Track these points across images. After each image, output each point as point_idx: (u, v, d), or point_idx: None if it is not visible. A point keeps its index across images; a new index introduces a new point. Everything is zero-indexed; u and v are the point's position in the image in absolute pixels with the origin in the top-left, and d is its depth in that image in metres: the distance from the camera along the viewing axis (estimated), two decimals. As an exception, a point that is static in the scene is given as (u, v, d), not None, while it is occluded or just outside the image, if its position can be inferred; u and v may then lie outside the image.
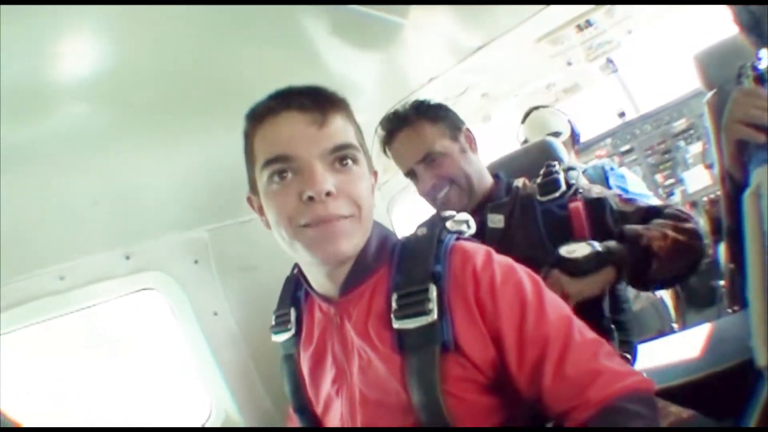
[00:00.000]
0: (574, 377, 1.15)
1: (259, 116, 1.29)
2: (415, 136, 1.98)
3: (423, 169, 1.98)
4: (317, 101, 1.25)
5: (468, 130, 2.10)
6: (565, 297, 1.62)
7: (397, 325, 1.24)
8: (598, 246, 1.71)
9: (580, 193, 1.91)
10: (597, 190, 1.96)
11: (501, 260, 1.30)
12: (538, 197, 1.93)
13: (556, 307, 1.26)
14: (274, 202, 1.25)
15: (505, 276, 1.25)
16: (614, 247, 1.74)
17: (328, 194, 1.19)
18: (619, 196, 1.97)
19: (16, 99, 1.23)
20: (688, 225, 1.83)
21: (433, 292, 1.22)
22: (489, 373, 1.23)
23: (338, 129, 1.26)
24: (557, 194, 1.91)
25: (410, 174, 2.04)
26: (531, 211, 1.91)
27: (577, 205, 1.86)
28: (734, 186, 1.43)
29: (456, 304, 1.22)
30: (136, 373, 2.81)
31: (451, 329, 1.21)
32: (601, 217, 1.85)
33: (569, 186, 1.93)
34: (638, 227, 1.80)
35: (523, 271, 1.30)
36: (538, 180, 2.00)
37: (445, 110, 2.08)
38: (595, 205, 1.87)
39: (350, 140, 1.28)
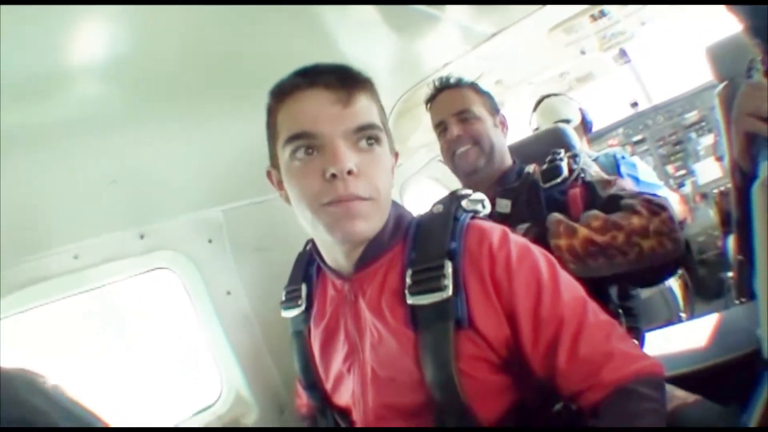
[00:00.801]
0: (587, 358, 1.17)
1: (284, 92, 1.29)
2: (459, 95, 2.12)
3: (455, 121, 2.07)
4: (343, 80, 1.25)
5: (503, 116, 2.21)
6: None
7: (411, 300, 1.25)
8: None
9: (582, 177, 1.94)
10: (593, 172, 2.00)
11: (517, 239, 1.31)
12: (542, 183, 1.96)
13: (571, 288, 1.27)
14: (297, 180, 1.26)
15: (521, 255, 1.26)
16: None
17: (349, 172, 1.20)
18: (607, 180, 1.97)
19: (36, 80, 1.25)
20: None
21: (449, 268, 1.23)
22: (502, 351, 1.24)
23: (363, 109, 1.26)
24: (558, 180, 1.94)
25: (440, 125, 2.12)
26: (536, 196, 1.94)
27: (576, 191, 1.89)
28: (743, 178, 1.44)
29: (471, 281, 1.23)
30: (148, 351, 2.83)
31: (465, 306, 1.22)
32: (595, 202, 1.86)
33: (572, 172, 1.95)
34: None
35: (538, 251, 1.31)
36: (544, 166, 2.01)
37: (488, 93, 2.20)
38: (592, 190, 1.89)
39: (374, 120, 1.28)
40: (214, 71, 1.61)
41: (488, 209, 1.46)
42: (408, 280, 1.27)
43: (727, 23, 3.33)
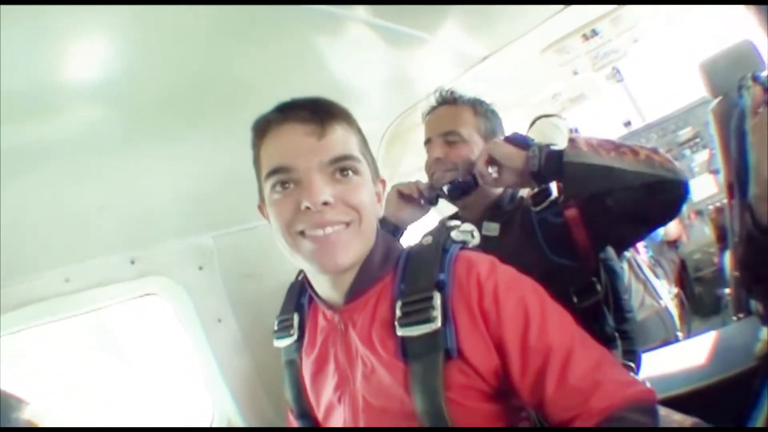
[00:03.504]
0: (576, 387, 1.16)
1: (262, 128, 1.32)
2: (452, 114, 1.99)
3: (440, 142, 1.97)
4: (316, 113, 1.27)
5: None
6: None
7: (401, 332, 1.25)
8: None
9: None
10: None
11: (505, 269, 1.31)
12: (532, 207, 1.93)
13: (560, 316, 1.27)
14: (274, 210, 1.28)
15: (508, 285, 1.26)
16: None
17: (325, 203, 1.21)
18: None
19: (25, 103, 1.24)
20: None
21: (437, 299, 1.23)
22: (491, 381, 1.23)
23: (337, 140, 1.27)
24: (547, 203, 1.90)
25: (427, 143, 2.03)
26: (529, 221, 1.90)
27: (572, 212, 1.82)
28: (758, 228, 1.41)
29: (460, 312, 1.23)
30: (140, 377, 2.81)
31: (454, 337, 1.21)
32: (596, 212, 1.76)
33: (561, 192, 1.92)
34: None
35: (526, 281, 1.31)
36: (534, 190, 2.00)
37: (493, 113, 2.06)
38: (588, 203, 1.79)
39: (350, 151, 1.29)
40: (204, 96, 1.61)
41: (477, 240, 1.45)
42: (398, 312, 1.27)
43: (719, 39, 3.37)
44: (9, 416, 1.12)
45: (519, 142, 1.80)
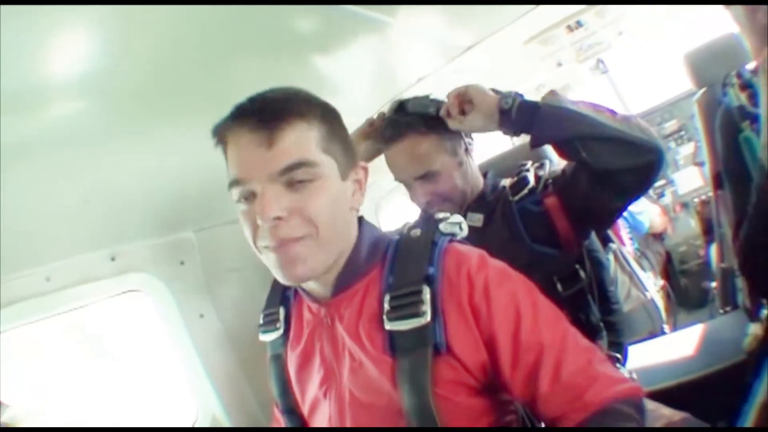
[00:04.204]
0: (570, 382, 1.17)
1: (219, 136, 1.29)
2: (415, 153, 1.88)
3: (419, 185, 1.91)
4: (263, 120, 1.21)
5: (468, 142, 2.02)
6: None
7: (389, 326, 1.24)
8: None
9: (550, 184, 1.89)
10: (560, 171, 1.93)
11: (495, 264, 1.30)
12: (511, 197, 1.92)
13: (551, 312, 1.27)
14: (242, 224, 1.27)
15: (499, 280, 1.25)
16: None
17: (278, 218, 1.18)
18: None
19: (7, 97, 1.21)
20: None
21: (427, 294, 1.22)
22: (479, 376, 1.23)
23: (288, 147, 1.20)
24: (526, 191, 1.90)
25: (404, 183, 1.96)
26: (509, 211, 1.90)
27: (552, 200, 1.84)
28: None
29: (449, 306, 1.22)
30: (122, 375, 2.79)
31: (443, 332, 1.20)
32: (574, 197, 1.79)
33: (538, 180, 1.92)
34: None
35: (517, 276, 1.30)
36: (512, 180, 1.99)
37: (444, 127, 1.87)
38: (567, 189, 1.82)
39: (304, 157, 1.21)
40: (187, 91, 1.58)
41: (465, 232, 1.44)
42: (386, 306, 1.25)
43: (704, 30, 3.37)
44: None
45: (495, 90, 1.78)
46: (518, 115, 1.67)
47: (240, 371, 2.08)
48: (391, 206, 3.09)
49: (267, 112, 1.22)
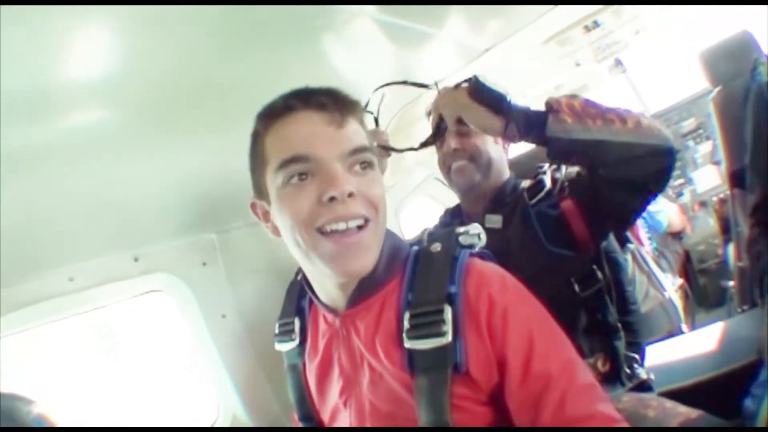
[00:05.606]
0: (573, 418, 1.15)
1: (274, 114, 1.26)
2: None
3: (458, 128, 1.92)
4: (336, 101, 1.22)
5: None
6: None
7: (408, 344, 1.22)
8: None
9: (567, 185, 1.89)
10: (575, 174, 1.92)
11: (515, 286, 1.29)
12: (527, 200, 1.93)
13: (562, 344, 1.25)
14: (289, 205, 1.21)
15: (518, 304, 1.24)
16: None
17: (350, 195, 1.17)
18: None
19: (29, 101, 1.23)
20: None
21: (449, 313, 1.20)
22: (491, 393, 1.22)
23: (356, 131, 1.24)
24: (543, 194, 1.91)
25: (446, 119, 1.87)
26: (526, 214, 1.90)
27: (569, 203, 1.84)
28: None
29: (469, 326, 1.21)
30: (145, 374, 2.81)
31: (464, 352, 1.19)
32: (591, 199, 1.78)
33: (555, 183, 1.92)
34: None
35: (532, 300, 1.29)
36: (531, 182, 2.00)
37: None
38: (583, 193, 1.82)
39: (367, 143, 1.25)
40: (208, 93, 1.59)
41: (483, 241, 1.42)
42: (406, 324, 1.24)
43: (721, 29, 3.36)
44: (19, 413, 1.11)
45: (492, 100, 1.73)
46: (528, 141, 1.72)
47: (261, 371, 2.08)
48: (411, 207, 3.10)
49: (337, 96, 1.24)
